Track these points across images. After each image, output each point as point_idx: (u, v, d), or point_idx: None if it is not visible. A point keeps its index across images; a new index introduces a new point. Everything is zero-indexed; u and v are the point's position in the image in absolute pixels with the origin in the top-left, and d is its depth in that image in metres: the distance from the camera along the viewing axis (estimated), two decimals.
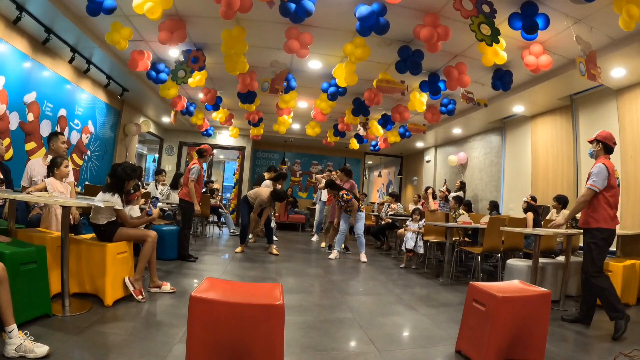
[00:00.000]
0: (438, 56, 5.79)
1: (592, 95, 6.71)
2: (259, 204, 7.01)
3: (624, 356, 2.90)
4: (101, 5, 4.49)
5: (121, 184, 3.81)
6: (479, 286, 2.84)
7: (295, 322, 3.40)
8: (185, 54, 5.99)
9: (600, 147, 3.88)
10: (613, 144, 3.88)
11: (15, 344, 2.21)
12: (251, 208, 7.14)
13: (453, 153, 11.33)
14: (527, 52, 5.23)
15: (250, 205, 7.16)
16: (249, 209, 7.19)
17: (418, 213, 6.87)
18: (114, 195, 3.69)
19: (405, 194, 14.57)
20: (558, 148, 7.45)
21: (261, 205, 7.04)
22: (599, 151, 3.89)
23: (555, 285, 4.56)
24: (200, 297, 2.10)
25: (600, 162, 3.77)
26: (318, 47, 5.74)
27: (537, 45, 5.16)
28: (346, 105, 8.23)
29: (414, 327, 3.56)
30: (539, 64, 5.18)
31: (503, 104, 7.68)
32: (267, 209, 7.16)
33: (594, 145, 3.92)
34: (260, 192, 7.09)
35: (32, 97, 5.88)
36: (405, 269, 6.47)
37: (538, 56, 5.18)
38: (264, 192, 7.06)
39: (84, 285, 3.51)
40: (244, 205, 7.26)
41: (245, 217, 7.22)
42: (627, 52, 4.98)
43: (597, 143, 3.89)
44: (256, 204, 7.02)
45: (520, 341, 2.69)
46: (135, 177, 3.89)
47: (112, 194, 3.69)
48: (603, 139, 3.86)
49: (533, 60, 5.18)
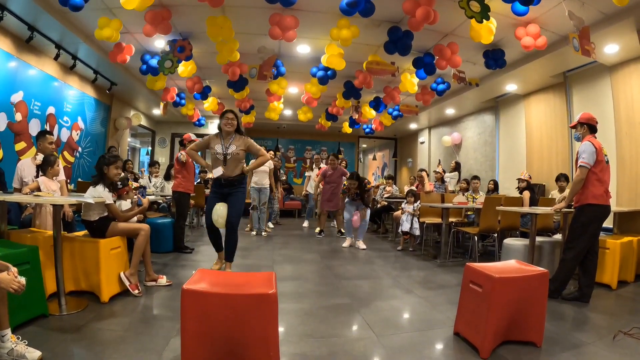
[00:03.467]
0: (428, 36, 5.73)
1: (585, 72, 6.67)
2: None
3: (624, 334, 2.91)
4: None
5: (102, 171, 3.72)
6: (476, 267, 2.82)
7: (292, 309, 3.40)
8: (172, 44, 5.90)
9: (585, 129, 3.95)
10: (596, 122, 3.97)
11: (7, 348, 2.19)
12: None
13: (447, 134, 11.30)
14: (520, 29, 5.17)
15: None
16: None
17: (412, 195, 6.85)
18: (103, 189, 3.63)
19: (401, 176, 14.58)
20: (552, 126, 7.43)
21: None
22: (584, 132, 3.96)
23: (552, 264, 4.56)
24: (192, 290, 2.09)
25: (586, 140, 3.84)
26: (305, 31, 5.67)
27: (531, 25, 5.12)
28: (337, 89, 8.17)
29: (412, 311, 3.57)
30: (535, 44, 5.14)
31: (496, 83, 7.63)
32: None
33: (579, 129, 3.99)
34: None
35: (19, 96, 5.80)
36: (402, 252, 6.48)
37: (530, 33, 5.13)
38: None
39: (80, 283, 3.48)
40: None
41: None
42: (620, 27, 4.93)
43: (581, 126, 3.97)
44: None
45: (518, 321, 2.69)
46: (115, 162, 3.78)
47: (102, 187, 3.63)
48: (587, 121, 3.95)
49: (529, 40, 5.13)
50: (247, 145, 4.43)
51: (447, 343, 2.81)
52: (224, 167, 4.28)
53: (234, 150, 4.30)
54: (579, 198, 3.87)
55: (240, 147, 4.35)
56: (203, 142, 4.52)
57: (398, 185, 12.05)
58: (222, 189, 4.36)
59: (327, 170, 7.78)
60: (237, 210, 4.36)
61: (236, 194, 4.38)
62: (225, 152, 4.29)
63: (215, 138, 4.39)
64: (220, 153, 4.30)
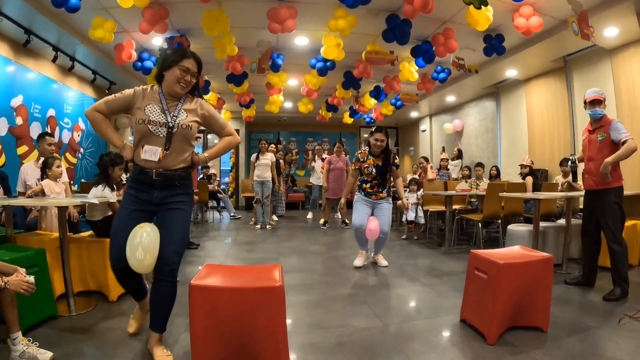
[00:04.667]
0: (426, 24, 5.69)
1: (585, 56, 6.62)
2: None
3: (629, 318, 2.92)
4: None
5: (107, 172, 3.73)
6: (480, 254, 2.83)
7: (299, 301, 3.43)
8: (169, 41, 5.88)
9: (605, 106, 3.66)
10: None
11: (19, 351, 2.23)
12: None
13: (448, 121, 11.26)
14: (518, 14, 5.13)
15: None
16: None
17: (415, 183, 6.85)
18: (104, 188, 3.64)
19: (403, 165, 14.55)
20: (553, 111, 7.40)
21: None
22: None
23: (557, 249, 4.57)
24: (200, 285, 2.10)
25: (613, 119, 3.57)
26: (303, 23, 5.64)
27: (527, 7, 5.07)
28: (337, 80, 8.14)
29: (418, 299, 3.59)
30: (529, 26, 5.09)
31: (496, 69, 7.58)
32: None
33: (603, 106, 3.62)
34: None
35: (19, 100, 5.80)
36: (407, 240, 6.50)
37: (529, 18, 5.09)
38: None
39: (88, 283, 3.52)
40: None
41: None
42: (619, 10, 4.87)
43: (603, 103, 3.63)
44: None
45: (524, 307, 2.70)
46: (120, 163, 3.79)
47: (103, 186, 3.65)
48: (605, 99, 3.66)
49: (524, 22, 5.09)
50: (205, 114, 2.50)
51: (454, 330, 2.83)
52: (163, 151, 2.31)
53: (184, 120, 2.38)
54: (605, 180, 3.53)
55: (193, 118, 2.43)
56: (121, 99, 2.37)
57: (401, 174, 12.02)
58: (149, 192, 2.38)
59: (333, 157, 7.82)
60: (180, 238, 2.39)
61: (178, 206, 2.43)
62: (170, 122, 2.33)
63: (150, 95, 2.39)
64: (159, 123, 2.32)
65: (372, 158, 4.56)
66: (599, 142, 3.60)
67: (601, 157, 3.53)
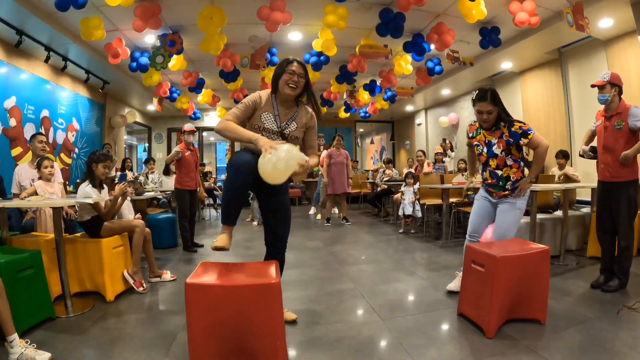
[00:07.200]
0: (420, 17, 5.67)
1: (580, 48, 6.62)
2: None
3: (628, 309, 2.92)
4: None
5: (90, 168, 3.70)
6: (477, 247, 2.83)
7: (296, 297, 3.43)
8: (162, 39, 5.84)
9: (615, 91, 3.34)
10: (622, 84, 3.40)
11: (17, 353, 2.21)
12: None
13: (443, 114, 11.25)
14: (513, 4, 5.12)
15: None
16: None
17: (411, 177, 6.85)
18: (87, 184, 3.61)
19: (399, 159, 14.55)
20: (549, 102, 7.40)
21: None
22: (614, 96, 3.35)
23: (554, 241, 4.58)
24: (195, 283, 2.09)
25: (630, 106, 3.31)
26: (296, 18, 5.60)
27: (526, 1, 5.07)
28: (332, 74, 8.11)
29: (416, 293, 3.59)
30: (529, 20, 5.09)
31: (491, 61, 7.57)
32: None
33: (608, 90, 3.33)
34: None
35: (12, 102, 5.76)
36: (404, 234, 6.50)
37: (524, 9, 5.07)
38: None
39: (85, 284, 3.50)
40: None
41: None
42: (614, 1, 4.86)
43: (612, 86, 3.33)
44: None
45: (522, 300, 2.70)
46: (105, 160, 3.75)
47: (86, 183, 3.63)
48: (618, 82, 3.34)
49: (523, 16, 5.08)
50: (310, 125, 2.72)
51: (452, 324, 2.83)
52: None
53: (294, 130, 2.61)
54: (621, 172, 3.34)
55: (302, 129, 2.66)
56: (249, 104, 2.52)
57: (397, 168, 12.02)
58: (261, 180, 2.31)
59: (333, 151, 7.82)
60: (289, 225, 2.92)
61: (284, 198, 2.82)
62: (282, 129, 2.57)
63: (266, 102, 2.57)
64: (272, 130, 2.54)
65: (483, 132, 3.25)
66: (616, 130, 3.33)
67: (619, 147, 3.31)
